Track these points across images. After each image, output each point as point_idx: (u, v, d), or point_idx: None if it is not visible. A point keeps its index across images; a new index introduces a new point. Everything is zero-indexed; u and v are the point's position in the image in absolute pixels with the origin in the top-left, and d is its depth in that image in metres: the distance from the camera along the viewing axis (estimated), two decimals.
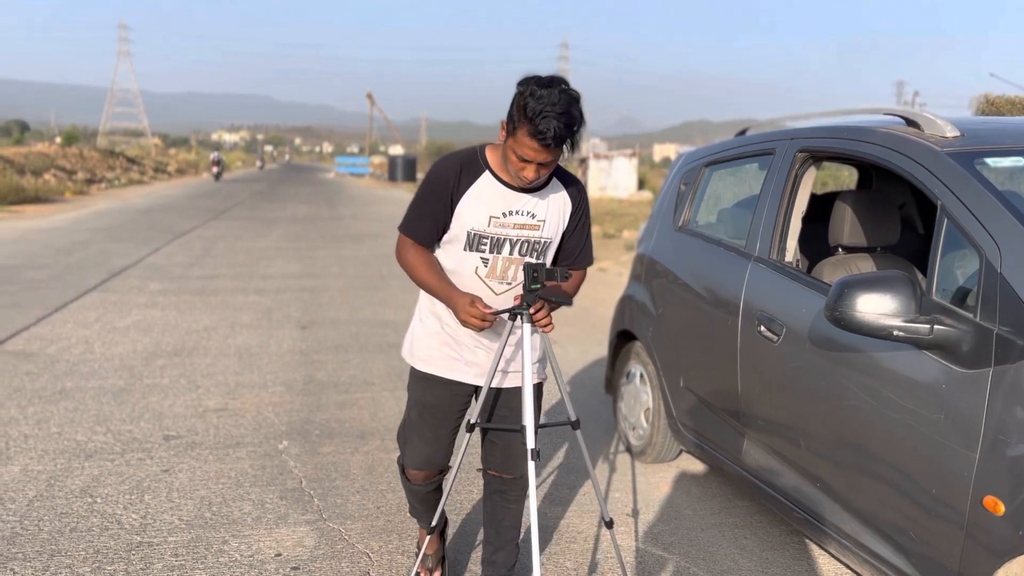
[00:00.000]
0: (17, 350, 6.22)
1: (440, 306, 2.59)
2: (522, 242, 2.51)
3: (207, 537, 3.33)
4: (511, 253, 2.51)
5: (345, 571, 3.08)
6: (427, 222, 2.51)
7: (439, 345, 2.60)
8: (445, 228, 2.51)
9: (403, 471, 2.77)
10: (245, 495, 3.75)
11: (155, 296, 8.67)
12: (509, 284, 2.55)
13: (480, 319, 2.39)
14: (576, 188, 2.60)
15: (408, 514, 3.19)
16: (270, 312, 8.02)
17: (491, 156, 2.49)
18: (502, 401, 2.67)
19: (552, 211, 2.54)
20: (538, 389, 2.70)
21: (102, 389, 5.30)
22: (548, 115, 2.19)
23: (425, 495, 2.77)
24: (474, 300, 2.41)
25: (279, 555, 3.20)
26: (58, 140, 54.90)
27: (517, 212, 2.48)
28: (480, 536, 2.83)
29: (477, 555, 3.20)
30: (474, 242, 2.48)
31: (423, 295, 2.66)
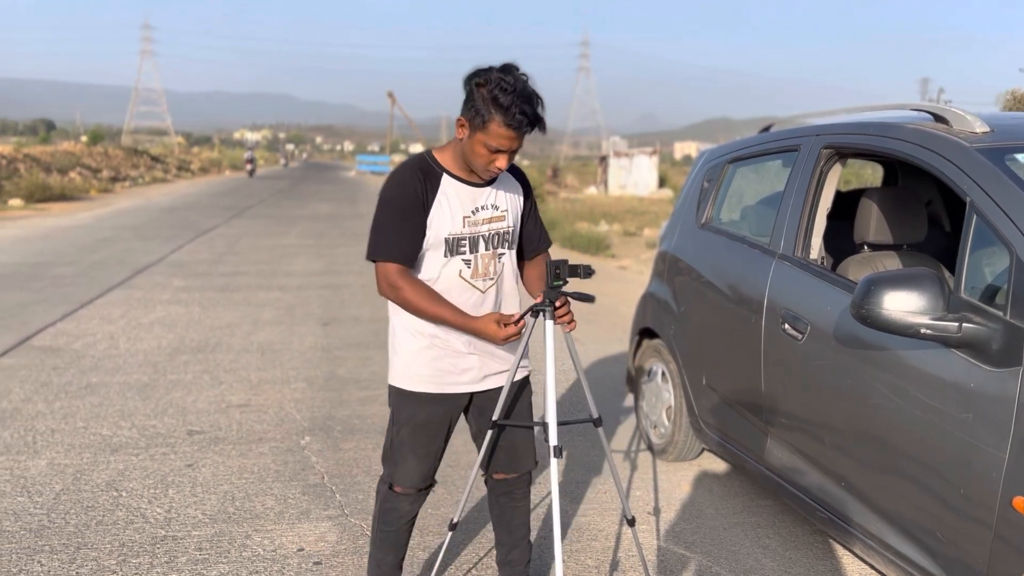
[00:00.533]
0: (44, 345, 6.30)
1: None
2: (493, 235, 2.52)
3: (230, 531, 3.35)
4: (486, 249, 2.52)
5: (367, 567, 3.08)
6: (407, 239, 2.43)
7: (431, 361, 2.52)
8: (422, 241, 2.46)
9: (390, 489, 2.63)
10: (268, 490, 3.77)
11: (179, 293, 8.74)
12: (492, 279, 2.54)
13: (509, 334, 2.39)
14: (519, 172, 2.66)
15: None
16: (292, 309, 8.06)
17: (442, 158, 2.48)
18: (489, 405, 2.63)
19: (511, 198, 2.58)
20: (523, 384, 2.69)
21: (127, 384, 5.36)
22: (518, 103, 2.24)
23: (408, 520, 2.65)
24: (499, 319, 2.40)
25: (301, 550, 3.22)
26: (84, 139, 55.55)
27: (483, 207, 2.50)
28: (477, 539, 2.81)
29: (476, 557, 3.20)
30: (454, 247, 2.46)
31: (401, 312, 2.54)
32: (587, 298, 2.50)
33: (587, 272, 2.42)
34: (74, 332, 6.77)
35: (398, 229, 2.42)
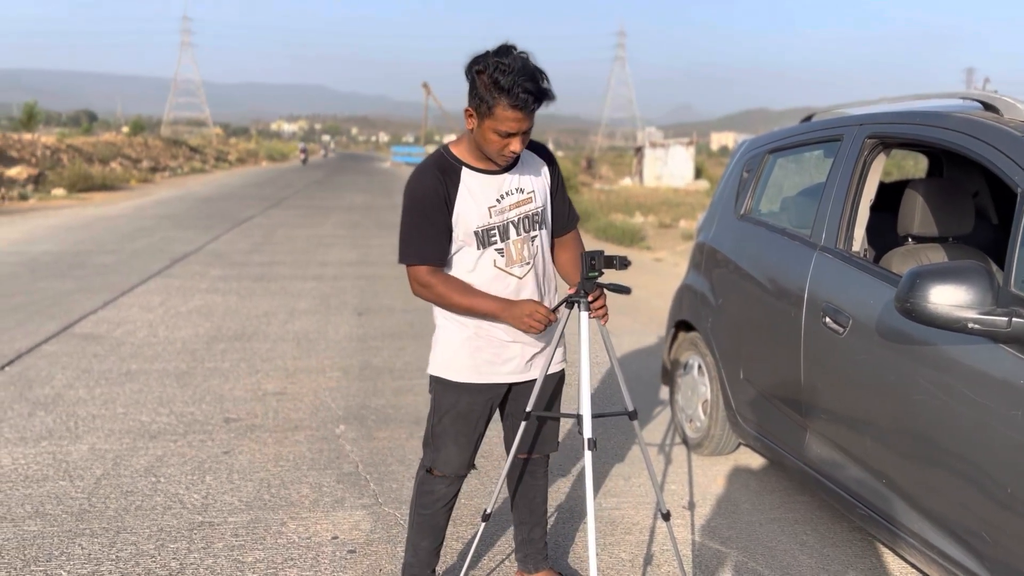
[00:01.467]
0: (85, 333, 6.41)
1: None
2: (522, 218, 2.50)
3: (266, 518, 3.38)
4: (518, 234, 2.50)
5: (400, 555, 3.09)
6: (435, 241, 2.43)
7: (474, 351, 2.53)
8: (451, 238, 2.46)
9: (428, 473, 2.64)
10: (303, 478, 3.80)
11: (216, 282, 8.85)
12: (528, 263, 2.52)
13: (545, 321, 2.39)
14: (543, 149, 2.63)
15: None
16: (327, 299, 8.12)
17: (459, 152, 2.46)
18: (525, 391, 2.65)
19: (535, 178, 2.56)
20: (559, 378, 2.71)
21: (165, 372, 5.43)
22: (520, 82, 2.21)
23: (446, 503, 2.66)
24: (532, 312, 2.38)
25: (336, 538, 3.23)
26: (124, 130, 56.48)
27: (508, 193, 2.48)
28: (510, 530, 2.80)
29: (509, 548, 3.19)
30: (484, 238, 2.45)
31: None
32: (623, 290, 2.47)
33: (623, 263, 2.39)
34: (115, 320, 6.88)
35: (423, 232, 2.42)
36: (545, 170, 2.61)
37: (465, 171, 2.44)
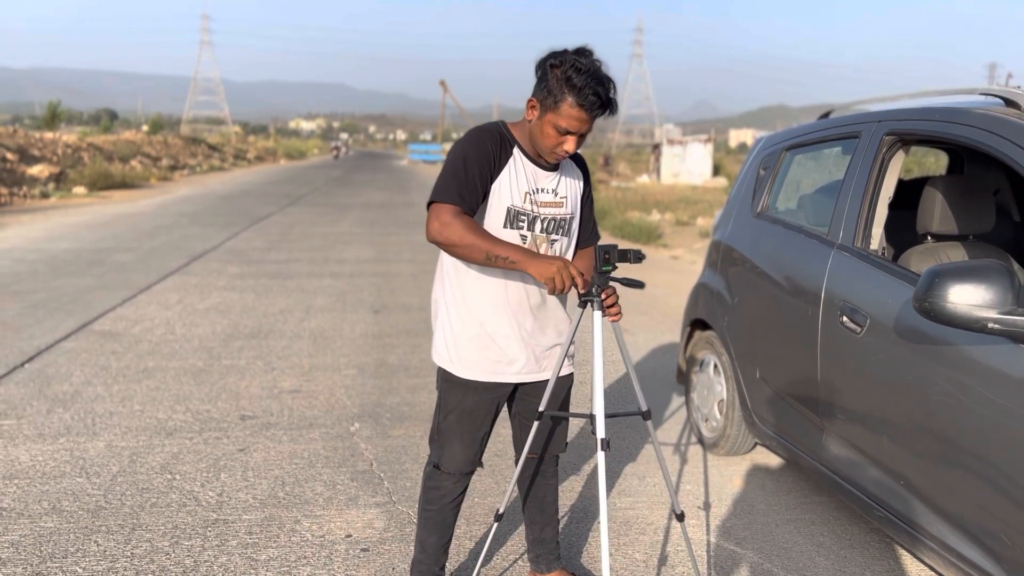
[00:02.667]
0: (104, 330, 6.46)
1: (479, 306, 2.48)
2: (549, 220, 2.49)
3: (280, 516, 3.39)
4: (541, 231, 2.48)
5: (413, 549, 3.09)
6: (471, 192, 2.35)
7: (480, 349, 2.51)
8: (484, 201, 2.40)
9: (435, 468, 2.63)
10: (317, 476, 3.81)
11: (234, 279, 8.89)
12: None
13: (570, 283, 2.30)
14: (581, 160, 2.64)
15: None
16: (344, 296, 8.14)
17: (516, 132, 2.46)
18: (532, 391, 2.64)
19: (572, 186, 2.55)
20: (568, 380, 2.69)
21: (182, 369, 5.46)
22: (592, 84, 2.24)
23: (452, 499, 2.65)
24: (564, 263, 2.30)
25: (349, 536, 3.24)
26: (144, 128, 56.94)
27: (543, 190, 2.47)
28: (522, 529, 2.79)
29: (521, 547, 3.18)
30: (513, 219, 2.43)
31: (451, 295, 2.52)
32: (637, 284, 2.45)
33: (637, 257, 2.37)
34: (133, 317, 6.93)
35: (464, 178, 2.34)
36: (580, 181, 2.61)
37: (517, 150, 2.44)
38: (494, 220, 2.43)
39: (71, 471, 3.78)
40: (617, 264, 2.36)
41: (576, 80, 2.24)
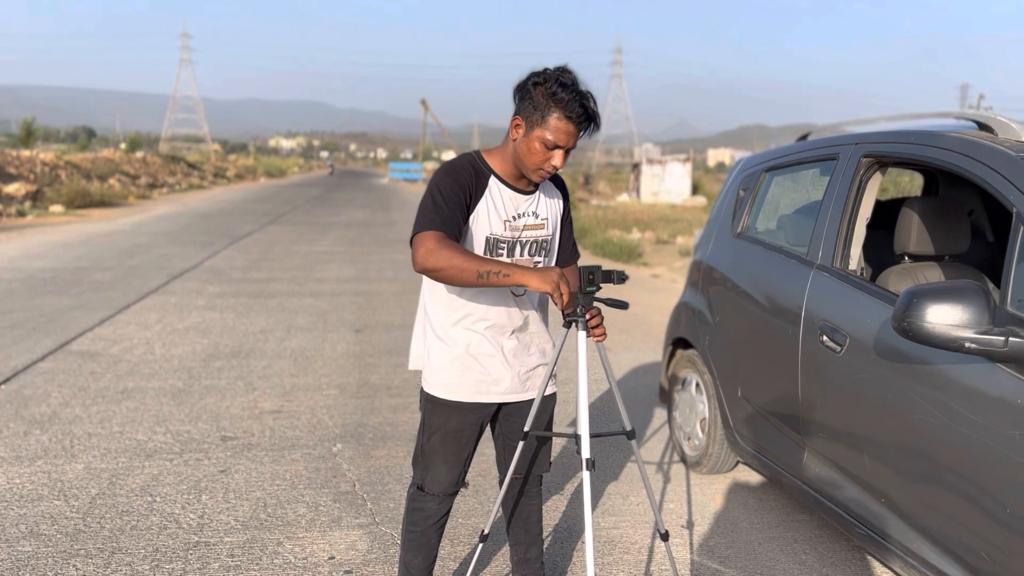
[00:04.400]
0: (82, 350, 6.40)
1: (462, 327, 2.48)
2: (531, 243, 2.52)
3: (262, 538, 3.36)
4: (523, 255, 2.51)
5: (397, 571, 3.07)
6: (452, 222, 2.35)
7: (464, 370, 2.51)
8: (463, 233, 2.43)
9: (418, 490, 2.63)
10: (299, 497, 3.78)
11: (213, 299, 8.84)
12: (525, 289, 2.52)
13: (565, 292, 2.26)
14: (560, 180, 2.68)
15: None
16: (325, 315, 8.11)
17: (491, 161, 2.48)
18: (516, 411, 2.64)
19: (552, 207, 2.59)
20: (552, 401, 2.69)
21: (162, 390, 5.41)
22: (577, 98, 2.30)
23: (437, 520, 2.64)
24: (560, 277, 2.26)
25: (332, 558, 3.21)
26: (123, 146, 56.60)
27: (524, 214, 2.50)
28: (506, 549, 2.78)
29: (505, 567, 3.17)
30: (493, 247, 2.46)
31: (435, 318, 2.53)
32: (621, 304, 2.47)
33: (620, 278, 2.39)
34: (111, 337, 6.86)
35: (443, 212, 2.35)
36: (559, 201, 2.64)
37: (493, 179, 2.46)
38: (474, 250, 2.45)
39: (49, 494, 3.73)
40: (601, 285, 2.38)
41: (562, 94, 2.29)
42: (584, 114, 2.31)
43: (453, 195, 2.38)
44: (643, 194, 36.27)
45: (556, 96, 2.29)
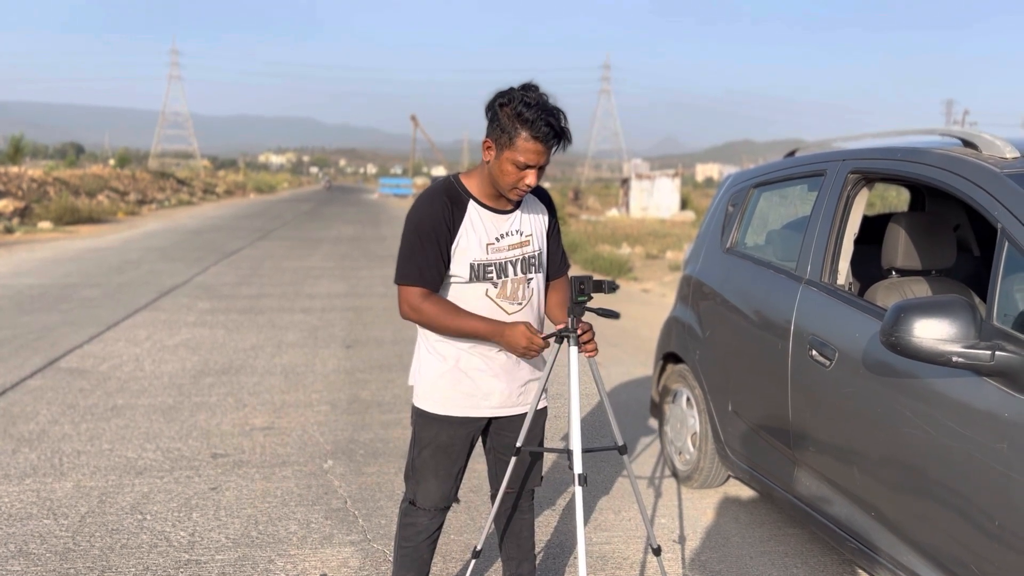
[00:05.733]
0: (71, 367, 6.36)
1: (454, 342, 2.52)
2: (520, 260, 2.54)
3: (253, 556, 3.35)
4: (515, 274, 2.53)
5: None
6: (433, 265, 2.43)
7: (454, 384, 2.53)
8: (447, 266, 2.47)
9: (410, 505, 2.64)
10: (291, 514, 3.77)
11: (203, 315, 8.81)
12: (520, 304, 2.54)
13: (538, 347, 2.40)
14: (544, 193, 2.69)
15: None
16: (315, 331, 8.10)
17: (469, 184, 2.50)
18: (507, 425, 2.66)
19: (536, 222, 2.60)
20: (543, 415, 2.70)
21: (152, 407, 5.39)
22: (543, 116, 2.30)
23: (428, 536, 2.65)
24: (527, 326, 2.40)
25: (324, 575, 3.20)
26: (111, 162, 56.47)
27: (507, 234, 2.51)
28: (497, 565, 2.79)
29: None
30: (479, 272, 2.48)
31: (428, 332, 2.56)
32: (612, 314, 2.48)
33: (611, 287, 2.41)
34: (100, 354, 6.83)
35: (424, 254, 2.43)
36: (544, 215, 2.65)
37: (472, 204, 2.47)
38: (460, 276, 2.47)
39: (38, 512, 3.71)
40: (592, 295, 2.40)
41: (527, 114, 2.29)
42: (551, 132, 2.31)
43: (431, 233, 2.42)
44: (632, 209, 36.41)
45: (521, 116, 2.30)
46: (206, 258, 14.32)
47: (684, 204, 37.48)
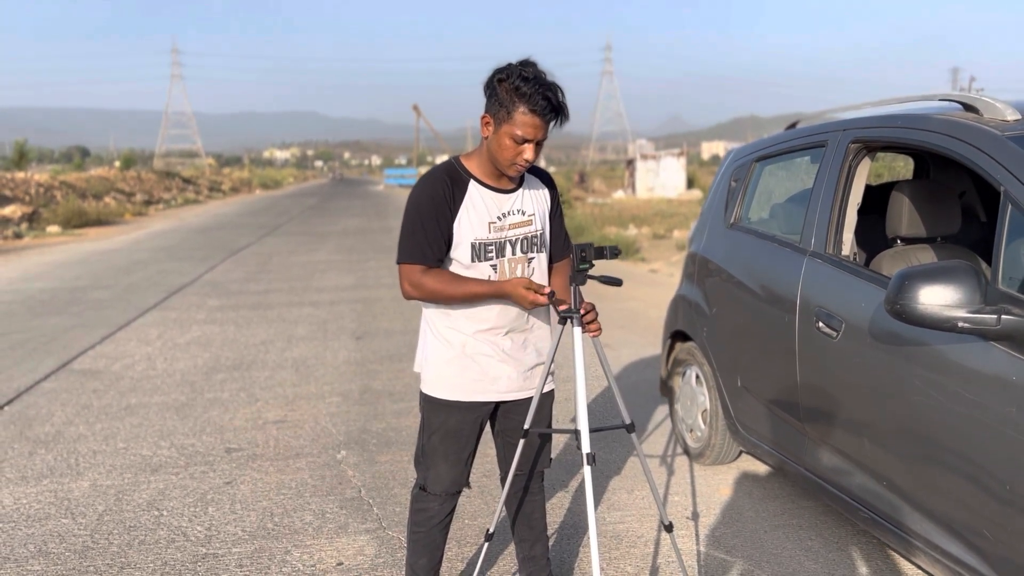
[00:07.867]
0: (84, 368, 6.41)
1: (461, 327, 2.53)
2: (521, 239, 2.54)
3: (270, 548, 3.37)
4: (514, 253, 2.53)
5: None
6: (435, 244, 2.44)
7: (461, 370, 2.54)
8: (449, 246, 2.48)
9: (421, 490, 2.66)
10: (306, 505, 3.79)
11: (213, 312, 8.85)
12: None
13: (545, 293, 2.40)
14: (545, 174, 2.70)
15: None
16: (325, 324, 8.12)
17: (469, 165, 2.51)
18: (514, 409, 2.67)
19: (538, 201, 2.60)
20: (550, 397, 2.71)
21: (165, 404, 5.43)
22: (540, 90, 2.31)
23: (440, 520, 2.66)
24: (529, 284, 2.40)
25: (341, 564, 3.23)
26: (117, 164, 56.62)
27: (509, 213, 2.52)
28: (512, 548, 2.80)
29: (512, 566, 3.19)
30: (480, 252, 2.48)
31: (433, 319, 2.58)
32: (615, 281, 2.47)
33: (613, 253, 2.41)
34: (113, 354, 6.88)
35: (424, 233, 2.44)
36: (546, 194, 2.65)
37: (473, 183, 2.48)
38: (461, 257, 2.48)
39: (56, 512, 3.74)
40: (594, 262, 2.39)
41: (525, 88, 2.30)
42: (548, 106, 2.32)
43: (432, 212, 2.43)
44: (639, 190, 36.31)
45: (519, 91, 2.31)
46: (214, 256, 14.36)
47: (690, 183, 37.35)
